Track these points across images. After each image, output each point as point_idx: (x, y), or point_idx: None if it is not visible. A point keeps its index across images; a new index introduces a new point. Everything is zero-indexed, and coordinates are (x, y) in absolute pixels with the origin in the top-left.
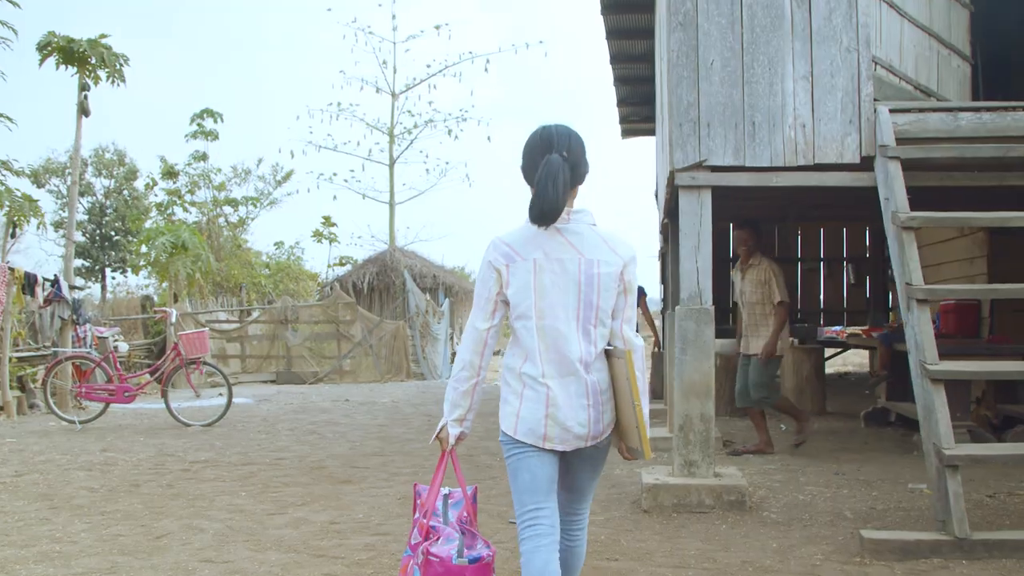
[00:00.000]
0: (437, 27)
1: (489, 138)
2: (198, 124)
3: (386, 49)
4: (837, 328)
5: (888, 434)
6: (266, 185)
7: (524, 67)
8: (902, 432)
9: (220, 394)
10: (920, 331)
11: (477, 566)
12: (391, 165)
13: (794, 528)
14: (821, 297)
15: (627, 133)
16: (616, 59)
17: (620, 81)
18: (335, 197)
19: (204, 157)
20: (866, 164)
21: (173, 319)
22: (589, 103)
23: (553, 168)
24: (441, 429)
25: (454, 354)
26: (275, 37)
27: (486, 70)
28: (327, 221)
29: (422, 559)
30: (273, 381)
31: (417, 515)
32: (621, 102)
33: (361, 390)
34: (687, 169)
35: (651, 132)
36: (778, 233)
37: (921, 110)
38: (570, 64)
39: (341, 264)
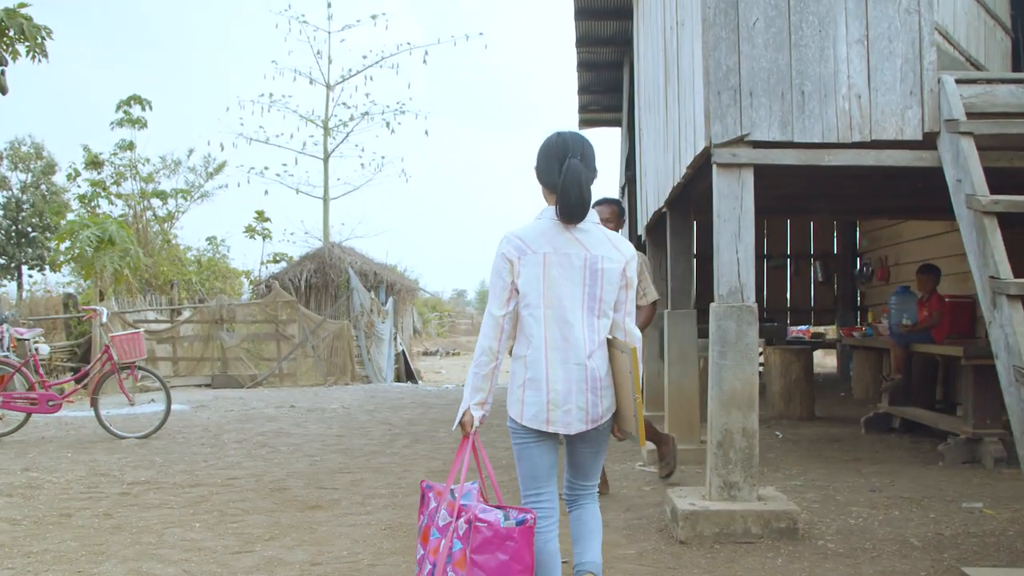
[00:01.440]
0: (374, 17)
1: (427, 132)
2: (124, 111)
3: (321, 39)
4: (803, 327)
5: (895, 441)
6: (197, 177)
7: (463, 60)
8: (910, 439)
9: (152, 400)
10: (1014, 332)
11: (523, 528)
12: (326, 159)
13: (862, 561)
14: (788, 295)
15: (586, 123)
16: (583, 42)
17: (584, 67)
18: (267, 192)
19: (131, 146)
20: (928, 141)
21: (103, 319)
22: (531, 96)
23: (576, 172)
24: (464, 413)
25: (398, 355)
26: (207, 24)
27: (424, 62)
28: (260, 216)
29: (465, 529)
30: (208, 385)
31: (433, 505)
32: (583, 89)
33: (305, 395)
34: (726, 144)
35: (613, 123)
36: None
37: (989, 81)
38: (511, 57)
39: (275, 261)
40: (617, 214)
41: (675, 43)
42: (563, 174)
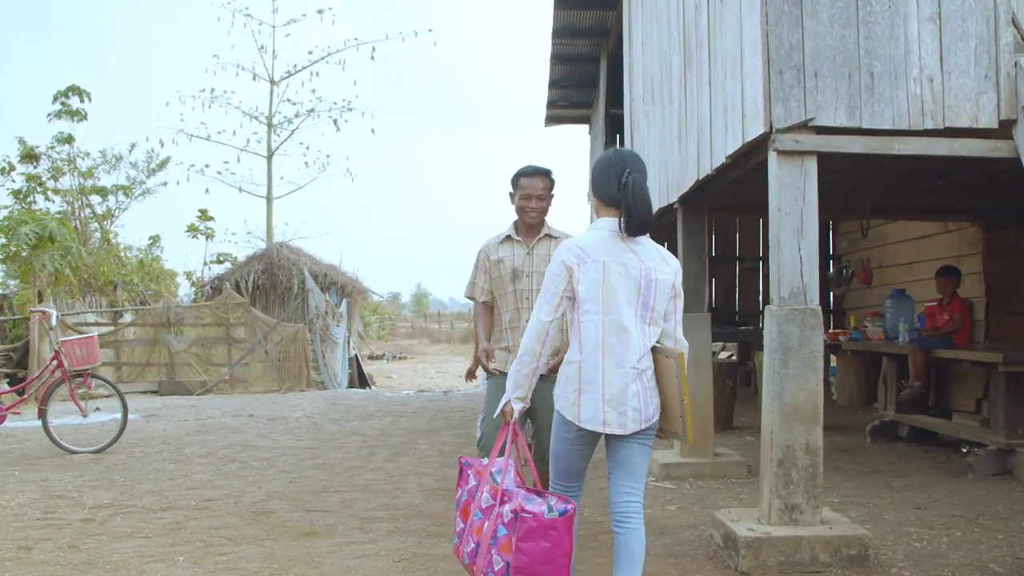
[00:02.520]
0: (320, 11)
1: (373, 130)
2: (62, 103)
3: (265, 33)
4: None
5: (908, 451)
6: (139, 173)
7: (412, 57)
8: (921, 449)
9: (98, 408)
10: None
11: (565, 518)
12: (269, 157)
13: None
14: (760, 299)
15: (553, 120)
16: (560, 33)
17: (558, 59)
18: (207, 191)
19: (70, 139)
20: (1003, 130)
21: (53, 322)
22: (481, 94)
23: (642, 188)
24: (505, 404)
25: (351, 359)
26: (147, 14)
27: (372, 58)
28: (203, 215)
29: (511, 517)
30: (155, 392)
31: (474, 483)
32: (554, 84)
33: (261, 402)
34: (789, 130)
35: (581, 120)
36: (716, 228)
37: None
38: (462, 56)
39: (219, 262)
40: (550, 189)
41: (704, 23)
42: (629, 190)
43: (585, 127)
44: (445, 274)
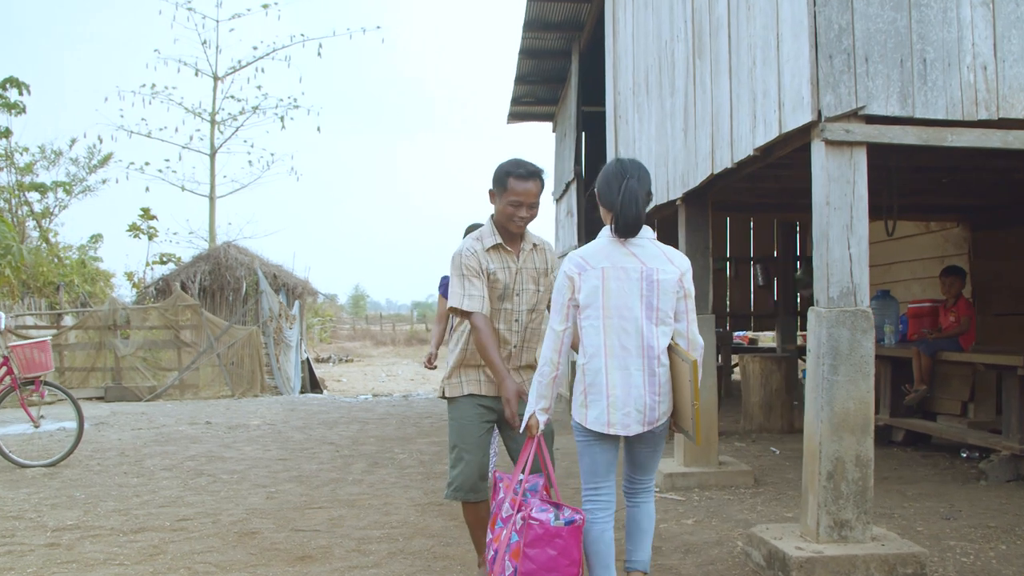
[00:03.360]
0: (265, 6)
1: (319, 128)
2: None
3: (209, 27)
4: (741, 333)
5: (906, 456)
6: (80, 169)
7: (360, 55)
8: (919, 454)
9: (43, 416)
10: None
11: (571, 527)
12: (212, 155)
13: None
14: (727, 300)
15: (516, 117)
16: (531, 26)
17: (526, 54)
18: (148, 189)
19: (7, 134)
20: None
21: (2, 325)
22: (431, 92)
23: (633, 191)
24: (531, 417)
25: (303, 363)
26: (89, 7)
27: (319, 55)
28: (146, 214)
29: (521, 524)
30: (101, 398)
31: (502, 495)
32: (521, 79)
33: (215, 409)
34: (839, 119)
35: (545, 117)
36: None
37: None
38: (412, 55)
39: (162, 262)
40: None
41: (722, 7)
42: (621, 193)
43: (548, 125)
44: (382, 276)
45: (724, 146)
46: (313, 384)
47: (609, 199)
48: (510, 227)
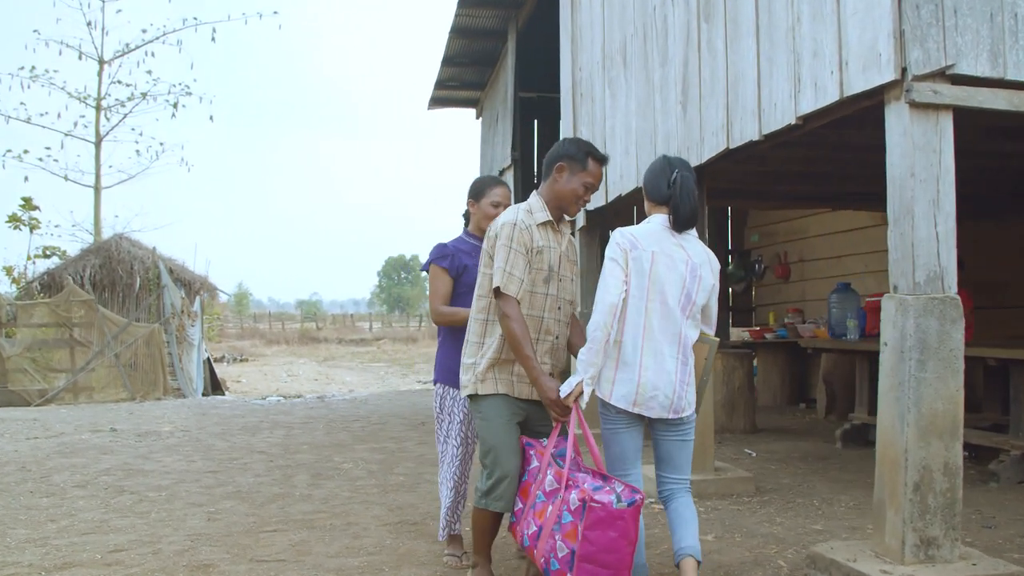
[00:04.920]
0: None
1: (212, 117)
2: None
3: (94, 7)
4: None
5: None
6: None
7: (256, 42)
8: None
9: None
10: None
11: (632, 508)
12: (98, 143)
13: None
14: None
15: (438, 102)
16: (465, 2)
17: (458, 32)
18: (27, 178)
19: None
20: None
21: None
22: (332, 82)
23: (688, 185)
24: (576, 386)
25: (205, 361)
26: None
27: (213, 39)
28: (27, 204)
29: (579, 505)
30: None
31: (535, 464)
32: (448, 61)
33: (118, 414)
34: (925, 78)
35: (469, 103)
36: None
37: None
38: (305, 39)
39: (46, 256)
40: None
41: None
42: (676, 187)
43: (471, 112)
44: (265, 274)
45: (748, 117)
46: (214, 385)
47: (660, 193)
48: (570, 209)
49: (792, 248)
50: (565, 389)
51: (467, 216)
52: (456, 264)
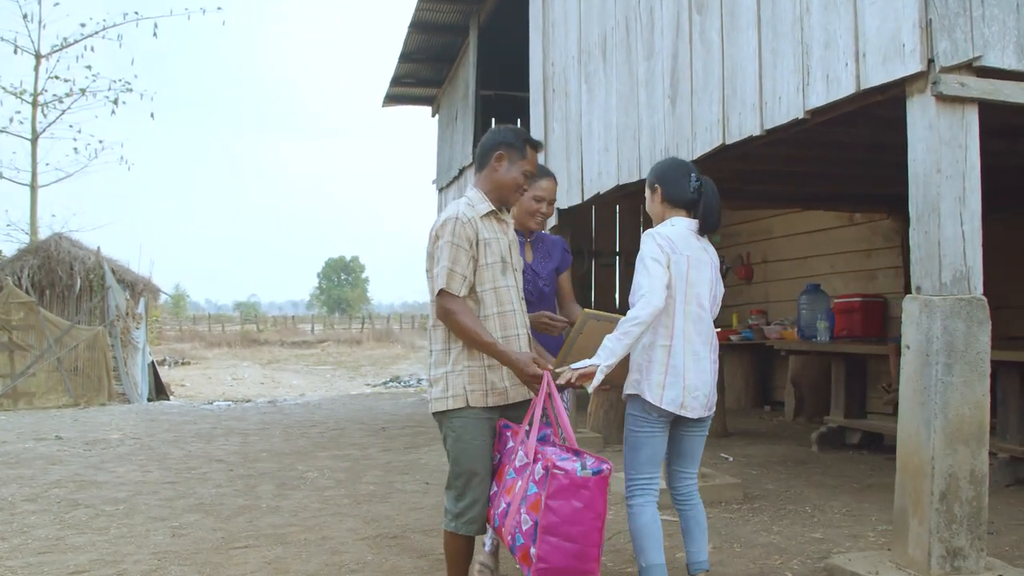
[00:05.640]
0: None
1: (152, 115)
2: None
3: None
4: None
5: (871, 460)
6: None
7: (202, 36)
8: (885, 457)
9: None
10: None
11: (598, 478)
12: (34, 140)
13: None
14: (616, 297)
15: (393, 99)
16: None
17: (418, 27)
18: None
19: None
20: None
21: None
22: (286, 79)
23: (713, 188)
24: (588, 368)
25: (150, 364)
26: None
27: (155, 35)
28: None
29: (542, 474)
30: None
31: (511, 445)
32: (406, 56)
33: (62, 421)
34: (952, 70)
35: (425, 100)
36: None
37: None
38: (258, 36)
39: None
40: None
41: None
42: (708, 193)
43: (426, 109)
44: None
45: (747, 111)
46: (159, 390)
47: (683, 196)
48: (511, 198)
49: (755, 249)
50: (575, 367)
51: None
52: None
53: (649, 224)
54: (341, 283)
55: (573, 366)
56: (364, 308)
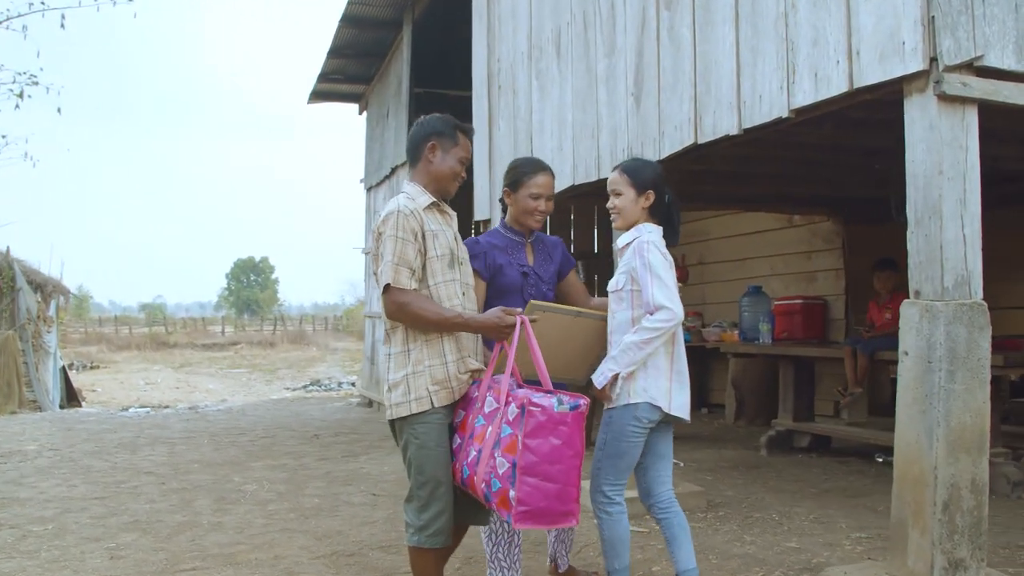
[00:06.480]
0: None
1: (60, 110)
2: None
3: None
4: None
5: (823, 463)
6: None
7: (109, 29)
8: (838, 460)
9: None
10: None
11: (576, 413)
12: None
13: None
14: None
15: (319, 96)
16: None
17: (349, 21)
18: None
19: None
20: None
21: None
22: (190, 77)
23: (678, 204)
24: (612, 377)
25: (61, 369)
26: None
27: (63, 26)
28: None
29: (517, 413)
30: None
31: (476, 395)
32: (335, 52)
33: None
34: (954, 69)
35: (352, 98)
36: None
37: None
38: (163, 30)
39: None
40: None
41: None
42: (675, 205)
43: (353, 107)
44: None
45: (723, 109)
46: (70, 396)
47: (661, 205)
48: (450, 187)
49: (691, 251)
50: (600, 380)
51: (504, 204)
52: (490, 264)
53: (604, 226)
54: (251, 284)
55: (596, 379)
56: (275, 309)
